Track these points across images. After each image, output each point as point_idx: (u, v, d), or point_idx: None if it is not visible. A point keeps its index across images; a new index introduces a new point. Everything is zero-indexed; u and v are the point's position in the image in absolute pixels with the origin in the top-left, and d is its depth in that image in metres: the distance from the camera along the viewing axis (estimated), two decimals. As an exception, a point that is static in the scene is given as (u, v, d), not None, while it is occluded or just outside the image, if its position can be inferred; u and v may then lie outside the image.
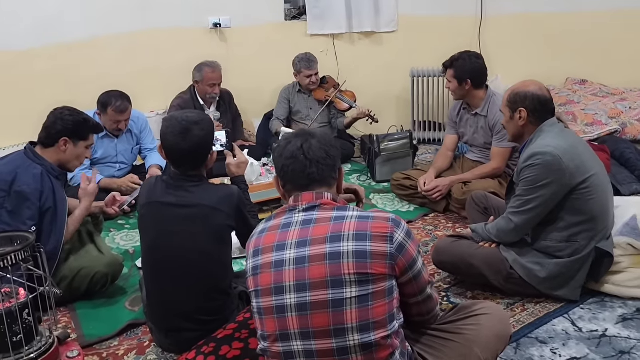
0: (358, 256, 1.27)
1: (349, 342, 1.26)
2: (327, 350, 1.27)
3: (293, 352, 1.30)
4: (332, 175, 1.43)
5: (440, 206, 3.13)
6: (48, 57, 3.74)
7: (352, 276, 1.26)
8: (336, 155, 1.44)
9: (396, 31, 4.62)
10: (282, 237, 1.35)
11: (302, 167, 1.38)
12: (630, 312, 2.07)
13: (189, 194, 1.83)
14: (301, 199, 1.39)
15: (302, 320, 1.28)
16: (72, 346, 1.82)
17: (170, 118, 1.86)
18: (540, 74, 4.31)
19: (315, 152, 1.39)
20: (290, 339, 1.30)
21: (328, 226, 1.32)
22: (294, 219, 1.37)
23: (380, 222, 1.32)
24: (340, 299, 1.26)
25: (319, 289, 1.27)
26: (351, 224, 1.31)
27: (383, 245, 1.29)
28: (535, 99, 2.09)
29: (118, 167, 3.41)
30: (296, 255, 1.30)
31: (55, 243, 2.20)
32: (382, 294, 1.28)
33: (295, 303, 1.28)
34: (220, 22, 4.23)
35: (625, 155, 3.40)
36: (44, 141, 2.24)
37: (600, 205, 2.05)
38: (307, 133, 1.45)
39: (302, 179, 1.39)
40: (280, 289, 1.30)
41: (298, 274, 1.29)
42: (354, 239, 1.28)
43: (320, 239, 1.30)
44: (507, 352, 1.86)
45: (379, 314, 1.28)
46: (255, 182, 3.02)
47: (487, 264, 2.14)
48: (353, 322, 1.26)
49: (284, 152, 1.41)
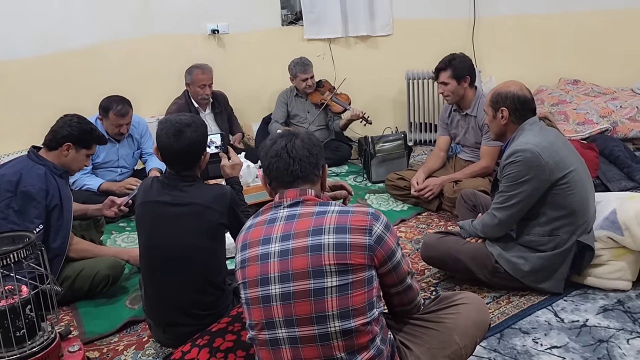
0: (338, 248, 1.35)
1: (330, 328, 1.34)
2: (309, 336, 1.34)
3: (278, 339, 1.37)
4: (314, 173, 1.50)
5: (432, 205, 3.20)
6: (51, 65, 3.84)
7: (333, 267, 1.34)
8: (318, 153, 1.52)
9: (391, 35, 4.70)
10: (268, 231, 1.42)
11: (285, 165, 1.46)
12: (611, 303, 2.13)
13: (183, 193, 1.91)
14: (286, 195, 1.46)
15: (286, 309, 1.35)
16: (74, 342, 1.90)
17: (164, 120, 1.95)
18: (534, 74, 4.41)
19: (298, 151, 1.47)
20: (275, 327, 1.37)
21: (310, 220, 1.39)
22: (279, 215, 1.45)
23: (359, 216, 1.39)
24: (321, 288, 1.34)
25: (302, 279, 1.34)
26: (332, 218, 1.39)
27: (362, 238, 1.37)
28: (516, 99, 2.16)
29: (119, 172, 3.50)
30: (280, 248, 1.38)
31: (62, 239, 2.30)
32: (361, 283, 1.36)
33: (280, 293, 1.36)
34: (218, 28, 4.33)
35: (614, 153, 3.46)
36: (48, 143, 2.34)
37: (580, 199, 2.12)
38: (291, 133, 1.53)
39: (286, 176, 1.47)
40: (266, 280, 1.38)
41: (282, 265, 1.37)
42: (334, 232, 1.36)
43: (302, 233, 1.38)
44: (490, 342, 1.93)
45: (358, 302, 1.35)
46: (252, 184, 3.10)
47: (473, 259, 2.21)
48: (334, 309, 1.33)
49: (269, 151, 1.49)
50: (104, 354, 2.04)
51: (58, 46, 3.84)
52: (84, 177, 3.32)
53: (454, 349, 1.55)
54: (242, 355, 1.74)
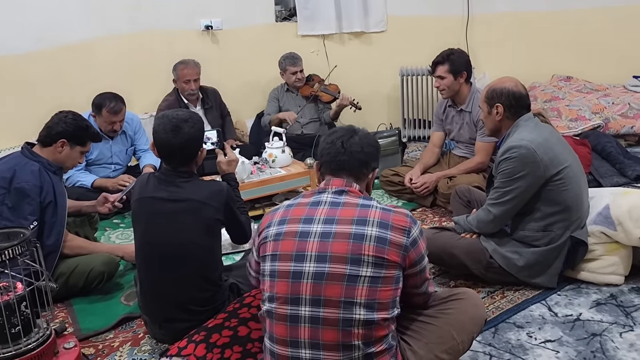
0: (379, 241, 1.40)
1: (355, 315, 1.37)
2: (333, 319, 1.38)
3: (299, 317, 1.40)
4: (361, 170, 1.56)
5: (427, 201, 3.21)
6: (44, 61, 3.81)
7: (371, 258, 1.39)
8: (372, 153, 1.57)
9: (385, 31, 4.71)
10: (311, 212, 1.48)
11: (336, 152, 1.54)
12: (604, 297, 2.15)
13: (179, 189, 1.91)
14: (331, 183, 1.53)
15: (315, 288, 1.39)
16: (69, 338, 1.89)
17: (162, 116, 1.94)
18: (527, 71, 4.44)
19: (352, 145, 1.54)
20: (300, 303, 1.40)
21: (355, 210, 1.45)
22: (322, 199, 1.50)
23: (400, 216, 1.45)
24: (355, 275, 1.38)
25: (339, 263, 1.39)
26: (376, 212, 1.44)
27: (401, 237, 1.42)
28: (511, 95, 2.18)
29: (113, 168, 3.48)
30: (323, 230, 1.43)
31: (57, 236, 2.29)
32: (391, 280, 1.41)
33: (314, 271, 1.39)
34: (211, 24, 4.31)
35: (606, 149, 3.50)
36: (43, 139, 2.32)
37: (574, 195, 2.14)
38: (352, 129, 1.60)
39: (333, 163, 1.54)
40: (302, 257, 1.41)
41: (321, 246, 1.41)
42: (377, 226, 1.41)
43: (347, 220, 1.43)
44: (485, 337, 1.95)
45: (384, 297, 1.40)
46: (247, 180, 3.10)
47: (467, 254, 2.23)
48: (362, 298, 1.38)
49: (327, 138, 1.58)
50: (100, 351, 2.03)
51: (52, 42, 3.82)
52: (78, 174, 3.30)
53: (451, 344, 1.57)
54: (239, 350, 1.74)
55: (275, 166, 3.30)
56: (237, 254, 2.74)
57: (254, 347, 1.75)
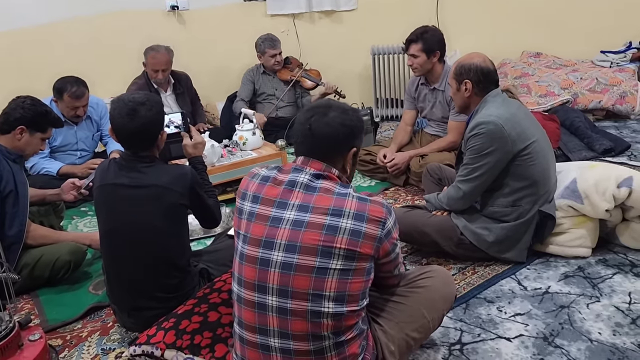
0: (353, 234, 1.34)
1: (323, 308, 1.34)
2: (301, 311, 1.34)
3: (267, 306, 1.36)
4: (333, 154, 1.45)
5: (400, 180, 3.21)
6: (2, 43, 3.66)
7: (342, 251, 1.34)
8: (346, 132, 1.44)
9: (356, 9, 4.65)
10: (285, 195, 1.40)
11: (304, 137, 1.45)
12: (572, 270, 2.19)
13: (141, 174, 1.85)
14: (310, 164, 1.44)
15: (283, 278, 1.34)
16: (34, 330, 1.84)
17: (117, 100, 1.87)
18: (497, 47, 4.44)
19: (322, 129, 1.43)
20: (267, 292, 1.36)
21: (331, 199, 1.38)
22: (298, 180, 1.42)
23: (376, 207, 1.39)
24: (325, 268, 1.33)
25: (308, 254, 1.33)
26: (352, 203, 1.37)
27: (375, 229, 1.37)
28: (479, 71, 2.16)
29: (79, 155, 3.39)
30: (295, 218, 1.37)
31: (19, 226, 2.21)
32: (362, 272, 1.37)
33: (282, 261, 1.35)
34: (177, 4, 4.19)
35: (574, 124, 3.54)
36: (1, 127, 2.24)
37: (542, 170, 2.16)
38: (326, 105, 1.47)
39: (302, 146, 1.46)
40: (270, 244, 1.36)
41: (292, 235, 1.35)
42: (353, 218, 1.35)
43: (322, 209, 1.36)
44: (456, 312, 1.96)
45: (354, 289, 1.36)
46: (217, 164, 3.05)
47: (439, 231, 2.24)
48: (331, 291, 1.33)
49: (300, 117, 1.48)
50: (68, 341, 1.98)
51: (9, 24, 3.67)
52: (42, 161, 3.21)
53: (421, 322, 1.58)
54: (209, 336, 1.71)
55: (246, 149, 3.25)
56: (207, 239, 2.70)
57: (224, 332, 1.72)
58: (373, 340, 1.51)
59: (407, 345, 1.57)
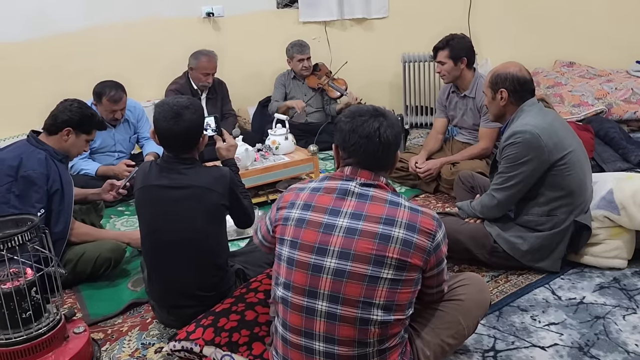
0: (405, 244, 1.37)
1: (372, 315, 1.36)
2: (350, 317, 1.36)
3: (315, 310, 1.39)
4: (392, 161, 1.50)
5: (430, 187, 3.22)
6: (45, 49, 3.81)
7: (394, 260, 1.36)
8: (399, 137, 1.49)
9: (387, 17, 4.69)
10: (338, 203, 1.43)
11: (374, 149, 1.44)
12: (607, 281, 2.17)
13: (182, 176, 1.91)
14: (359, 173, 1.46)
15: (335, 285, 1.37)
16: (78, 323, 1.91)
17: (162, 103, 1.93)
18: (529, 56, 4.41)
19: (388, 136, 1.45)
20: (317, 297, 1.38)
21: (384, 208, 1.40)
22: (350, 189, 1.44)
23: (427, 219, 1.41)
24: (376, 277, 1.35)
25: (361, 262, 1.36)
26: (404, 213, 1.40)
27: (425, 241, 1.39)
28: (515, 80, 2.18)
29: (116, 156, 3.48)
30: (349, 225, 1.39)
31: (64, 223, 2.30)
32: (410, 282, 1.40)
33: (335, 268, 1.37)
34: (213, 11, 4.28)
35: (609, 134, 3.50)
36: (48, 128, 2.33)
37: (578, 180, 2.15)
38: (380, 113, 1.48)
39: (372, 160, 1.46)
40: (324, 251, 1.39)
41: (346, 242, 1.37)
42: (405, 228, 1.38)
43: (374, 218, 1.39)
44: (489, 320, 1.97)
45: (402, 299, 1.39)
46: (250, 167, 3.10)
47: (472, 239, 2.24)
48: (380, 299, 1.36)
49: (358, 129, 1.45)
50: (109, 335, 2.05)
51: (53, 29, 3.81)
52: (81, 162, 3.31)
53: (457, 329, 1.59)
54: (247, 334, 1.76)
55: (279, 153, 3.31)
56: (241, 241, 2.75)
57: (261, 330, 1.77)
58: (410, 345, 1.53)
59: (442, 351, 1.59)
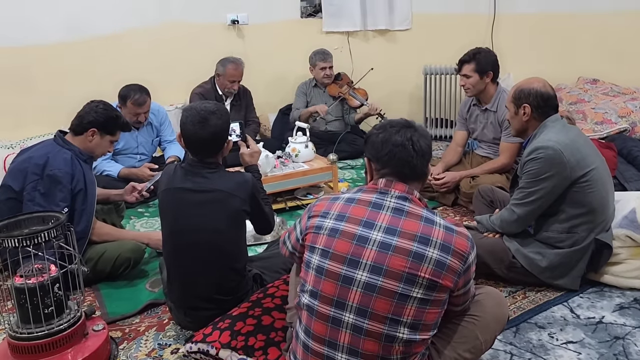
0: (438, 265, 1.36)
1: (398, 333, 1.36)
2: (376, 332, 1.36)
3: (342, 322, 1.38)
4: (425, 172, 1.50)
5: (448, 200, 3.22)
6: (75, 51, 3.91)
7: (425, 280, 1.35)
8: (431, 150, 1.50)
9: (410, 29, 4.71)
10: (372, 216, 1.42)
11: (409, 156, 1.44)
12: (627, 301, 2.14)
13: (206, 180, 1.94)
14: (393, 186, 1.45)
15: (364, 299, 1.36)
16: (98, 321, 1.95)
17: (189, 108, 1.97)
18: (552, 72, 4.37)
19: (422, 145, 1.46)
20: (345, 309, 1.38)
21: (419, 225, 1.39)
22: (385, 202, 1.43)
23: (462, 239, 1.41)
24: (406, 295, 1.35)
25: (393, 279, 1.35)
26: (440, 232, 1.39)
27: (458, 263, 1.39)
28: (539, 96, 2.17)
29: (138, 158, 3.54)
30: (383, 239, 1.38)
31: (86, 222, 2.35)
32: (439, 303, 1.39)
33: (366, 281, 1.36)
34: (238, 18, 4.35)
35: (632, 153, 3.45)
36: (75, 128, 2.38)
37: (600, 198, 2.13)
38: (409, 124, 1.50)
39: (407, 168, 1.45)
40: (355, 263, 1.38)
41: (379, 257, 1.37)
42: (439, 249, 1.37)
43: (409, 235, 1.38)
44: (506, 336, 1.95)
45: (430, 319, 1.39)
46: (270, 174, 3.13)
47: (490, 253, 2.23)
48: (408, 317, 1.36)
49: (390, 139, 1.46)
50: (126, 334, 2.08)
51: (83, 33, 3.91)
52: (104, 163, 3.38)
53: (474, 343, 1.58)
54: (263, 339, 1.77)
55: (298, 161, 3.33)
56: (259, 246, 2.77)
57: (277, 336, 1.78)
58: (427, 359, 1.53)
59: (458, 365, 1.58)
